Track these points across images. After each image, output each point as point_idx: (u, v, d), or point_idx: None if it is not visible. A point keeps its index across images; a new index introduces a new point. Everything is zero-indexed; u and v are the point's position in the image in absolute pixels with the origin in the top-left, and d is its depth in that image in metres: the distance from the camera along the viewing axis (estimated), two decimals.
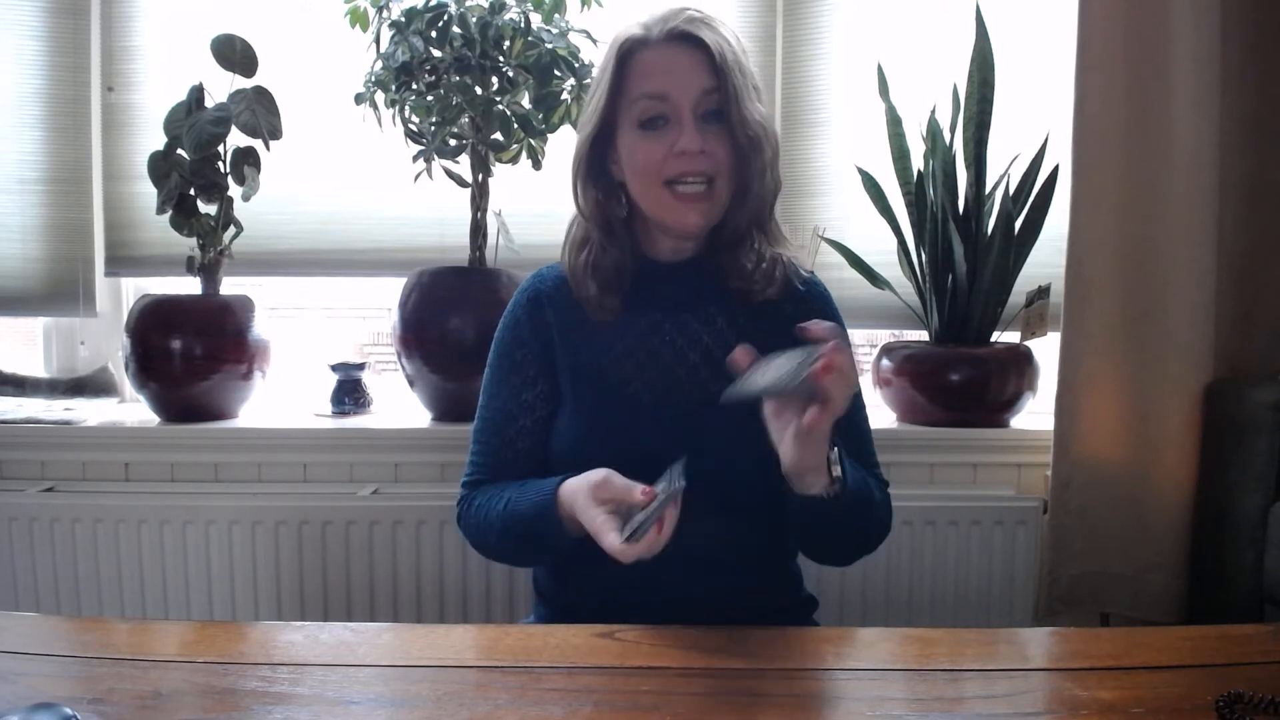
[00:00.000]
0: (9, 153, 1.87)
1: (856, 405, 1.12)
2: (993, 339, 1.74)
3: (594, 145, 1.06)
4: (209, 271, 1.72)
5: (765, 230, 1.09)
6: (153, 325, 1.68)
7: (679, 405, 1.06)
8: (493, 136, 1.62)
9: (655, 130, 1.02)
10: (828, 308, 1.13)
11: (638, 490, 0.88)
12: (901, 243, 1.77)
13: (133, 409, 1.89)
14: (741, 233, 1.07)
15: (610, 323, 1.08)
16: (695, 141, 1.00)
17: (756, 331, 1.08)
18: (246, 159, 1.69)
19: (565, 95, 1.60)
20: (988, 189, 1.69)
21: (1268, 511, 1.45)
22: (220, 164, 1.68)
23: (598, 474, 0.92)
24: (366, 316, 2.27)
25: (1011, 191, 1.65)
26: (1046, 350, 1.72)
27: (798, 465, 0.89)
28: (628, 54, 1.02)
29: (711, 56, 1.00)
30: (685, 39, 1.01)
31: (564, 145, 1.63)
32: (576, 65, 1.58)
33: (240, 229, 1.73)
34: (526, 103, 1.61)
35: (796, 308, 1.09)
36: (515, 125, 1.60)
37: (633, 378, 1.07)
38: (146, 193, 1.75)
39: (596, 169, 1.07)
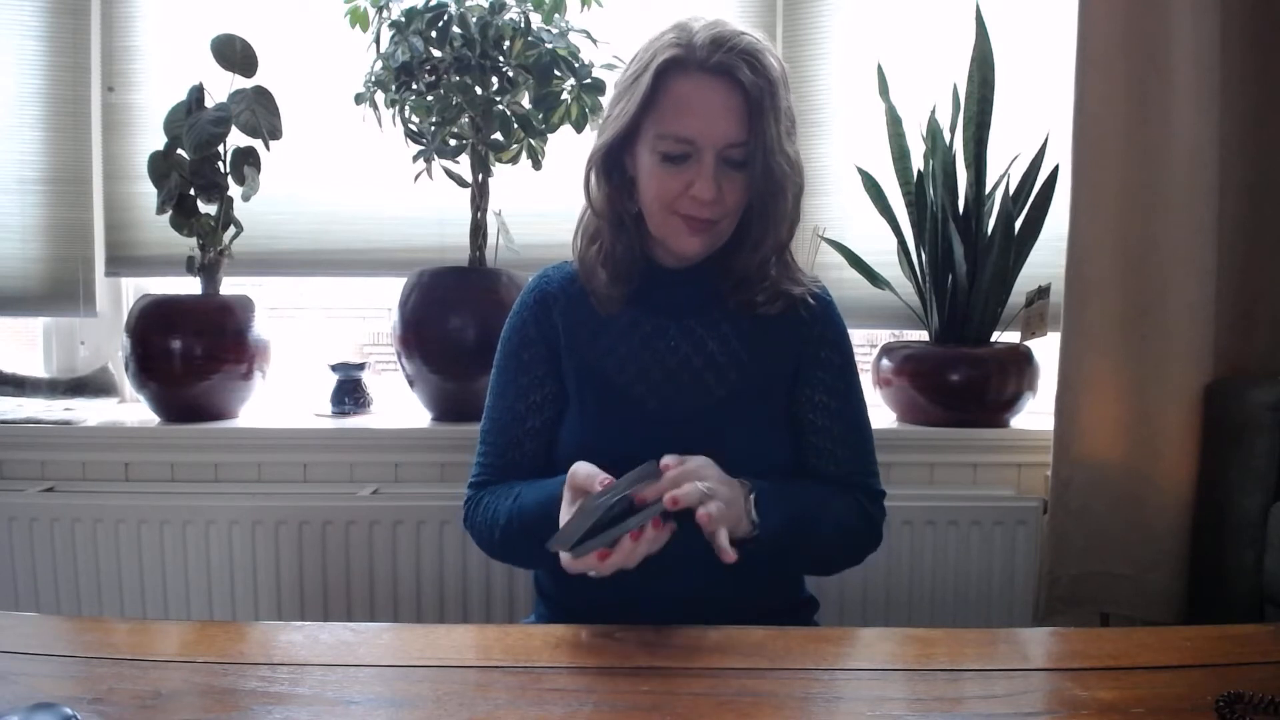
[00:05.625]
0: (9, 153, 1.87)
1: (857, 408, 1.12)
2: (993, 339, 1.74)
3: (613, 146, 1.04)
4: (209, 271, 1.72)
5: (780, 258, 1.08)
6: (153, 325, 1.68)
7: (683, 410, 1.06)
8: (493, 136, 1.62)
9: (676, 164, 1.00)
10: (828, 311, 1.13)
11: (597, 481, 0.86)
12: (901, 243, 1.77)
13: (133, 409, 1.89)
14: (751, 270, 1.06)
15: (616, 325, 1.08)
16: (709, 191, 0.98)
17: (761, 337, 1.09)
18: (246, 159, 1.69)
19: (565, 95, 1.60)
20: (988, 189, 1.69)
21: (1268, 511, 1.45)
22: (220, 164, 1.68)
23: (575, 466, 0.91)
24: (366, 316, 2.27)
25: (1011, 191, 1.65)
26: (1046, 350, 1.72)
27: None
28: (664, 72, 0.98)
29: (748, 100, 0.97)
30: (727, 74, 0.97)
31: (564, 145, 1.63)
32: (576, 65, 1.58)
33: (240, 229, 1.73)
34: (526, 103, 1.61)
35: (798, 315, 1.10)
36: (515, 125, 1.60)
37: (637, 382, 1.07)
38: (146, 193, 1.76)
39: (611, 163, 1.05)
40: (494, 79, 1.58)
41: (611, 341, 1.08)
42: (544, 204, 1.80)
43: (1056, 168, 1.66)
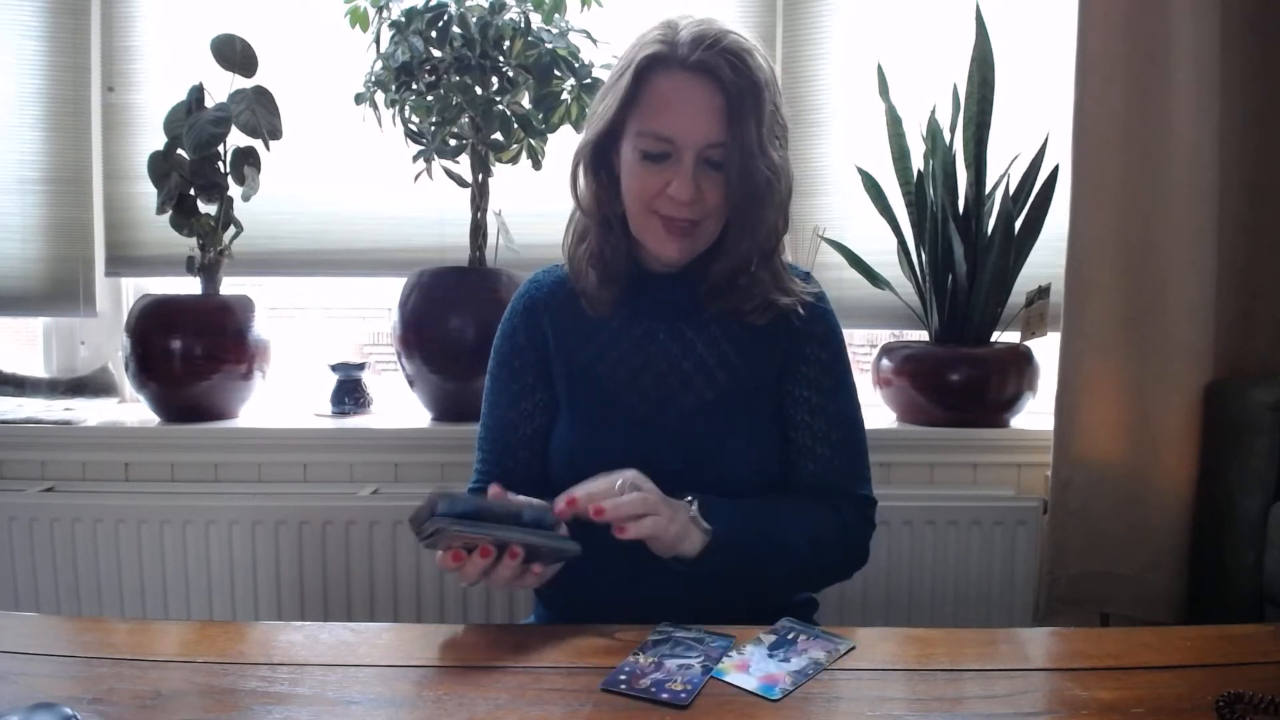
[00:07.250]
0: (9, 153, 1.87)
1: (845, 408, 1.09)
2: (993, 339, 1.74)
3: (598, 142, 1.03)
4: (209, 271, 1.72)
5: (769, 267, 1.06)
6: (153, 325, 1.68)
7: (673, 413, 1.05)
8: (493, 136, 1.62)
9: (655, 162, 0.98)
10: (819, 310, 1.10)
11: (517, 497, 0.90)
12: (901, 243, 1.77)
13: (133, 409, 1.89)
14: (735, 273, 1.04)
15: (606, 329, 1.08)
16: (686, 191, 0.97)
17: (751, 339, 1.08)
18: (246, 159, 1.69)
19: (565, 95, 1.60)
20: (988, 189, 1.69)
21: (1268, 511, 1.45)
22: (220, 164, 1.68)
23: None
24: (366, 316, 2.27)
25: (1011, 191, 1.65)
26: (1046, 350, 1.72)
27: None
28: (646, 69, 0.97)
29: (729, 101, 0.96)
30: (708, 73, 0.96)
31: (564, 145, 1.63)
32: (576, 65, 1.58)
33: (240, 229, 1.73)
34: (526, 103, 1.61)
35: (791, 321, 1.08)
36: (515, 125, 1.60)
37: (627, 385, 1.06)
38: (146, 193, 1.76)
39: (598, 162, 1.04)
40: (494, 79, 1.58)
41: (602, 346, 1.08)
42: (544, 204, 1.79)
43: (1056, 168, 1.66)
